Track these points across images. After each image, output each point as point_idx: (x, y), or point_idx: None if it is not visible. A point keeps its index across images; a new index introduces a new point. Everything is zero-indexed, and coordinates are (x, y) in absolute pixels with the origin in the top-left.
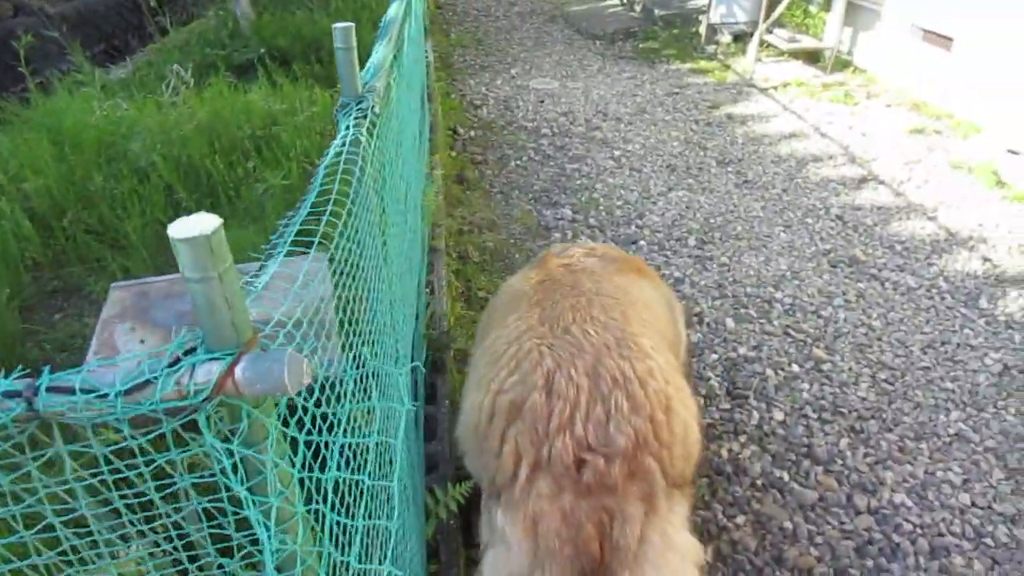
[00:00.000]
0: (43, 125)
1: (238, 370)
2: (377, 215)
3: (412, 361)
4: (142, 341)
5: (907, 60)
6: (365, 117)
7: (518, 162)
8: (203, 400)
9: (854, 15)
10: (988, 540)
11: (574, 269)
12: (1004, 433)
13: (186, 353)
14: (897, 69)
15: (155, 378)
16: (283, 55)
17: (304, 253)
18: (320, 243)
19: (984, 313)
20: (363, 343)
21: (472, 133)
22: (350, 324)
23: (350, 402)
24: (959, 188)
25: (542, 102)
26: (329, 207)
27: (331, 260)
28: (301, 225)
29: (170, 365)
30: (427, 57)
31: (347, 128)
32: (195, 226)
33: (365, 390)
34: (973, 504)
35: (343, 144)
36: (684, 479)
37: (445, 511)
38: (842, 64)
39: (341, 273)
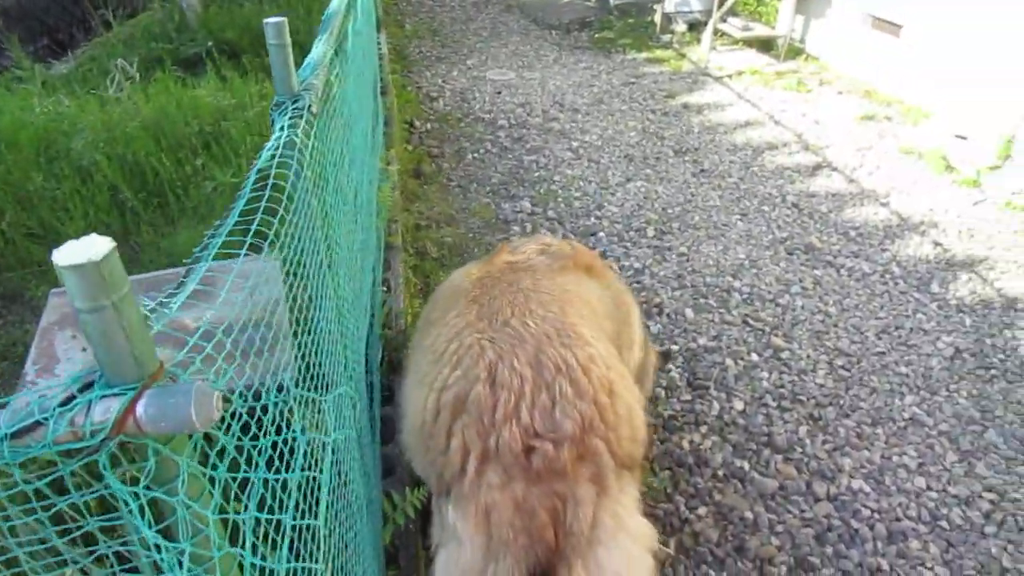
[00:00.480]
0: None
1: (140, 407)
2: (319, 219)
3: (367, 363)
4: (84, 349)
5: (858, 47)
6: (301, 117)
7: (475, 155)
8: (102, 441)
9: (806, 3)
10: (943, 523)
11: (517, 267)
12: (957, 416)
13: (82, 390)
14: (848, 56)
15: (46, 419)
16: (232, 48)
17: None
18: (246, 255)
19: (936, 297)
20: (306, 354)
21: (429, 126)
22: (295, 335)
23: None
24: (910, 173)
25: (499, 93)
26: (258, 216)
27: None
28: (227, 236)
29: (63, 403)
30: (380, 49)
31: (281, 129)
32: (84, 251)
33: (314, 408)
34: (928, 488)
35: (277, 146)
36: (633, 461)
37: (402, 516)
38: (795, 52)
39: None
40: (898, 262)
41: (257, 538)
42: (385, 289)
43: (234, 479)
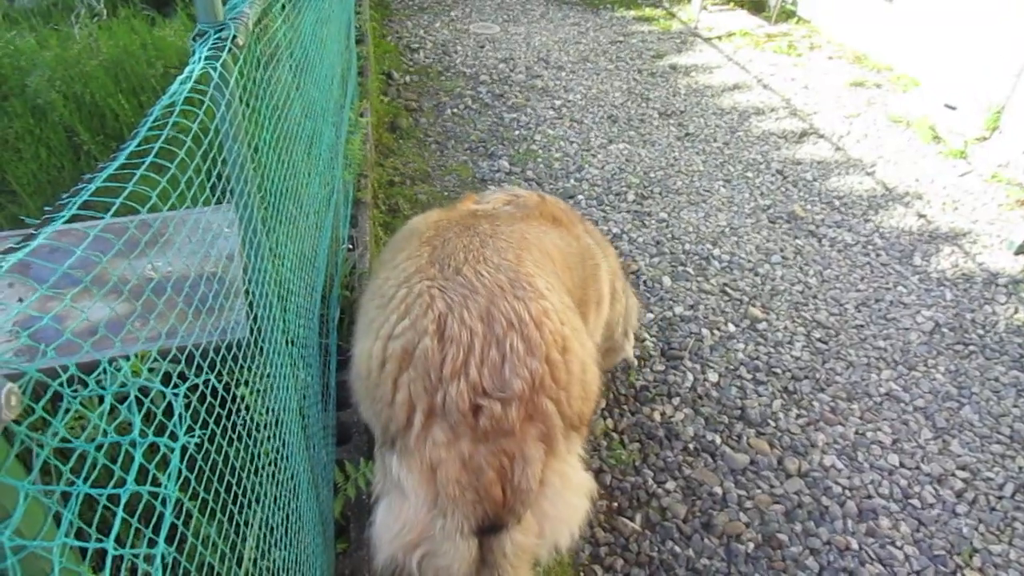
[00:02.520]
0: None
1: None
2: (248, 168)
3: (324, 325)
4: (20, 300)
5: (850, 12)
6: (224, 48)
7: (455, 110)
8: None
9: None
10: (915, 501)
11: (478, 214)
12: (933, 392)
13: None
14: (840, 21)
15: None
16: None
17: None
18: (123, 208)
19: (917, 270)
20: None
21: (407, 78)
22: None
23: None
24: (897, 143)
25: (482, 47)
26: (148, 159)
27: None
28: (106, 182)
29: None
30: None
31: (199, 60)
32: None
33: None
34: (901, 465)
35: (188, 78)
36: (582, 420)
37: (353, 488)
38: (787, 14)
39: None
40: (881, 233)
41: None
42: (350, 247)
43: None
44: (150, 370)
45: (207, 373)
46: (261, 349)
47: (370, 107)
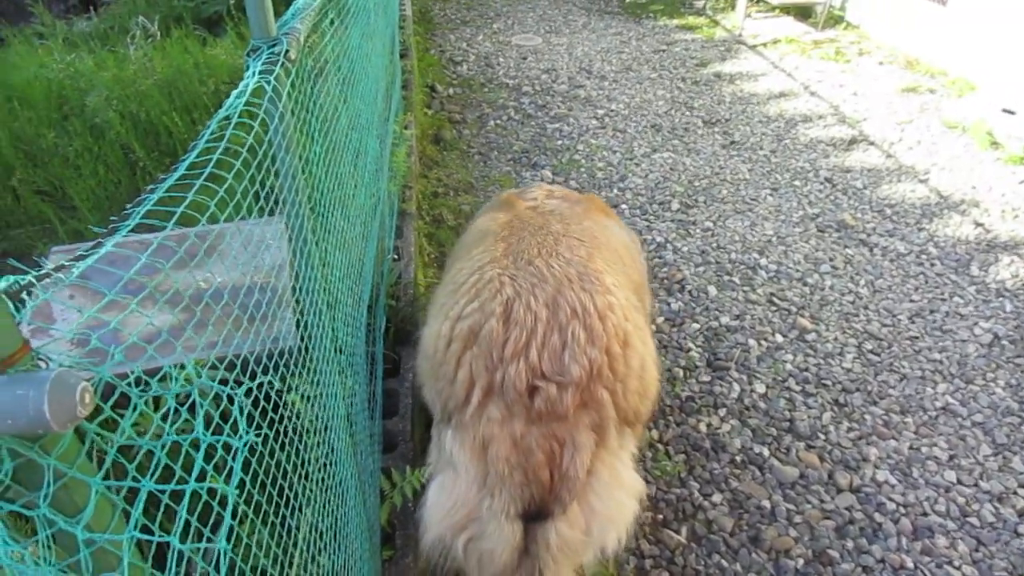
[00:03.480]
0: None
1: None
2: (299, 179)
3: (370, 335)
4: (79, 310)
5: (901, 16)
6: (278, 63)
7: (498, 121)
8: None
9: None
10: (973, 520)
11: (541, 211)
12: (992, 407)
13: None
14: (891, 25)
15: None
16: None
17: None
18: (182, 218)
19: (975, 280)
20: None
21: (451, 91)
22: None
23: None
24: (952, 149)
25: (524, 59)
26: (206, 170)
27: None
28: (166, 193)
29: None
30: (404, 10)
31: (253, 74)
32: None
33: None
34: (959, 482)
35: (243, 92)
36: (638, 417)
37: (399, 497)
38: (834, 20)
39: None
40: (935, 242)
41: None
42: (395, 257)
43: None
44: (209, 376)
45: (261, 376)
46: (310, 356)
47: (414, 120)
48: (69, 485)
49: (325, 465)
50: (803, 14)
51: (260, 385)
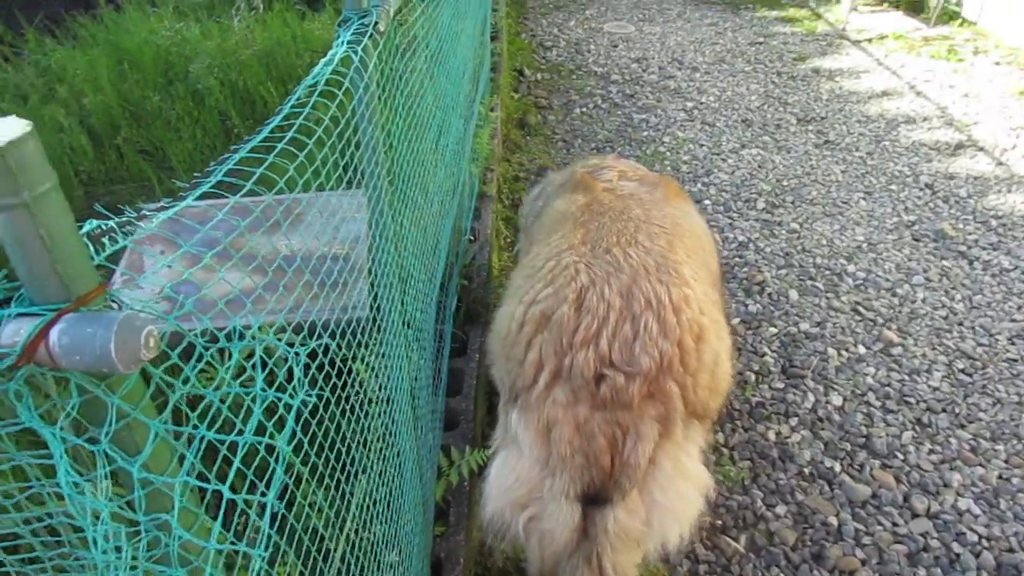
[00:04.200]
0: (108, 43)
1: (54, 333)
2: (380, 150)
3: (440, 312)
4: (169, 266)
5: None
6: (366, 34)
7: (584, 109)
8: (9, 368)
9: None
10: None
11: (620, 194)
12: None
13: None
14: (1014, 23)
15: None
16: None
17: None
18: (261, 180)
19: None
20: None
21: (539, 76)
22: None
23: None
24: None
25: (615, 47)
26: (288, 134)
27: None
28: (249, 153)
29: None
30: None
31: (342, 44)
32: None
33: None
34: None
35: (331, 60)
36: (707, 412)
37: (456, 475)
38: (948, 16)
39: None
40: None
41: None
42: (472, 239)
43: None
44: (276, 337)
45: (327, 340)
46: (379, 328)
47: (500, 103)
48: (131, 425)
49: (385, 435)
50: (914, 8)
51: (326, 349)
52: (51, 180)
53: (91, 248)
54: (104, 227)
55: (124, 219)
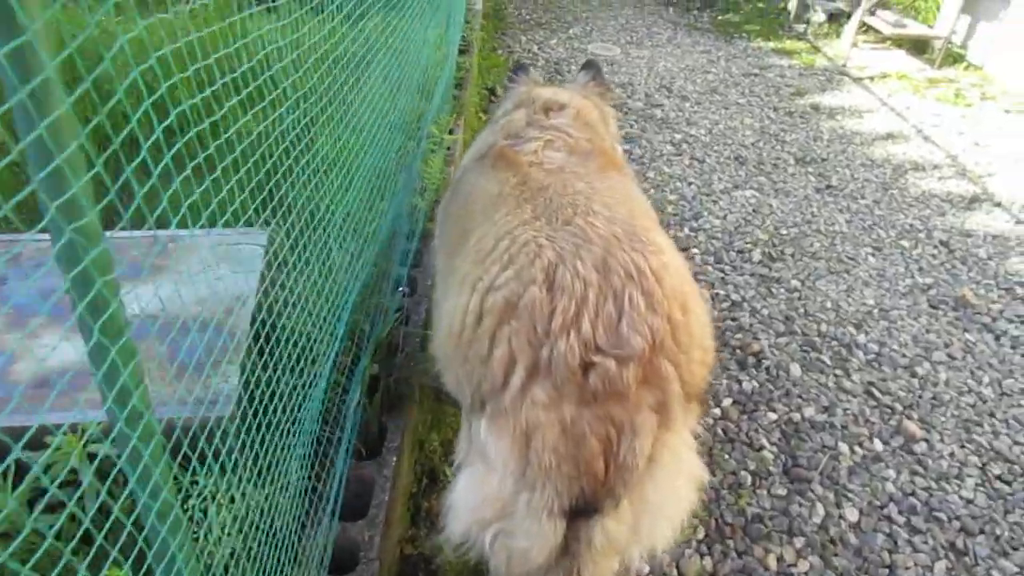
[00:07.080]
0: None
1: None
2: None
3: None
4: None
5: None
6: None
7: None
8: None
9: (975, 1)
10: None
11: (550, 168)
12: None
13: None
14: (1020, 69)
15: None
16: None
17: None
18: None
19: None
20: None
21: None
22: None
23: None
24: None
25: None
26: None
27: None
28: None
29: None
30: (473, 4)
31: None
32: None
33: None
34: None
35: None
36: (699, 390)
37: None
38: (953, 58)
39: None
40: None
41: None
42: (406, 291)
43: None
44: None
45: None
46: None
47: (463, 124)
48: None
49: None
50: (918, 48)
51: None
52: None
53: None
54: None
55: None
